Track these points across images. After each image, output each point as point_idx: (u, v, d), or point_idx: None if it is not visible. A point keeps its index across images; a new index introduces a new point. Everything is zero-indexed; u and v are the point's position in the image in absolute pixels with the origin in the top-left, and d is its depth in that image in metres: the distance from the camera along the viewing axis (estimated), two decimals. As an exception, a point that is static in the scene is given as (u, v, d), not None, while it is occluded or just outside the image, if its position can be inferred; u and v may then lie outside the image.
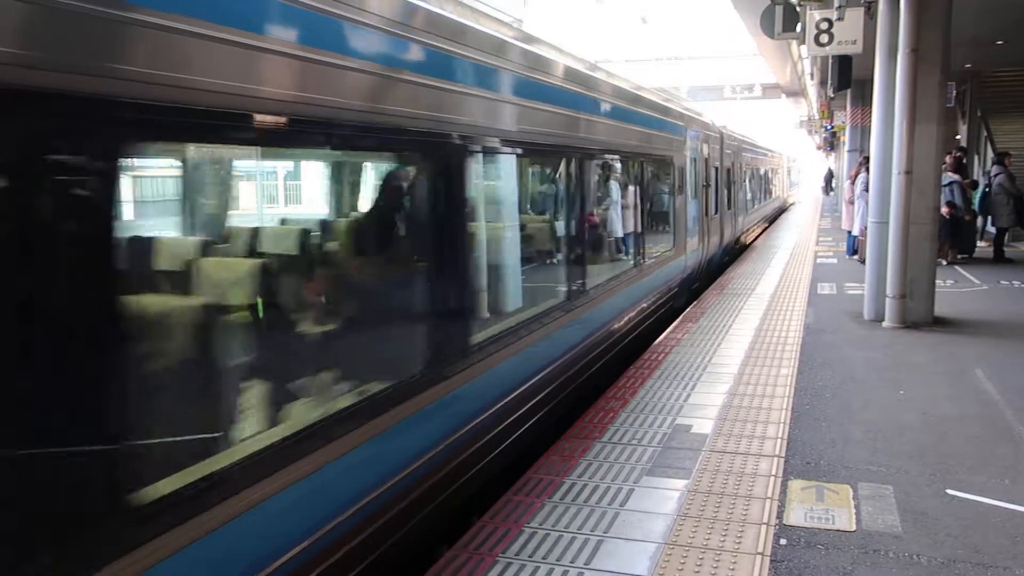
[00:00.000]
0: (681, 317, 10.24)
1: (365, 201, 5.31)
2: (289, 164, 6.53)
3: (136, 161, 3.30)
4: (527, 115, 5.67)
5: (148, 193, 4.96)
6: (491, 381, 5.04)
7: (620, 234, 8.97)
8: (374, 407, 3.79)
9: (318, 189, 5.90)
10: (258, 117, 3.06)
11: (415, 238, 4.71)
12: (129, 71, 2.45)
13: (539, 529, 4.24)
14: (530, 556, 3.96)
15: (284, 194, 7.70)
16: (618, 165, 8.90)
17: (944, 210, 12.33)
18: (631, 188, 9.23)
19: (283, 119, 3.19)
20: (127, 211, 3.16)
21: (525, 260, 6.42)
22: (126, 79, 2.44)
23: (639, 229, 9.30)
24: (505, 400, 5.29)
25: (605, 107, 7.62)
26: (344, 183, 5.41)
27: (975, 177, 18.28)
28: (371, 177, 5.31)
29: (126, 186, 2.71)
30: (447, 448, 4.47)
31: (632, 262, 9.12)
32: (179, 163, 4.39)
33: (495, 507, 4.53)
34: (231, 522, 2.89)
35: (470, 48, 4.69)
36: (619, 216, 8.89)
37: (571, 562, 3.90)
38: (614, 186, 8.84)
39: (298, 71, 3.23)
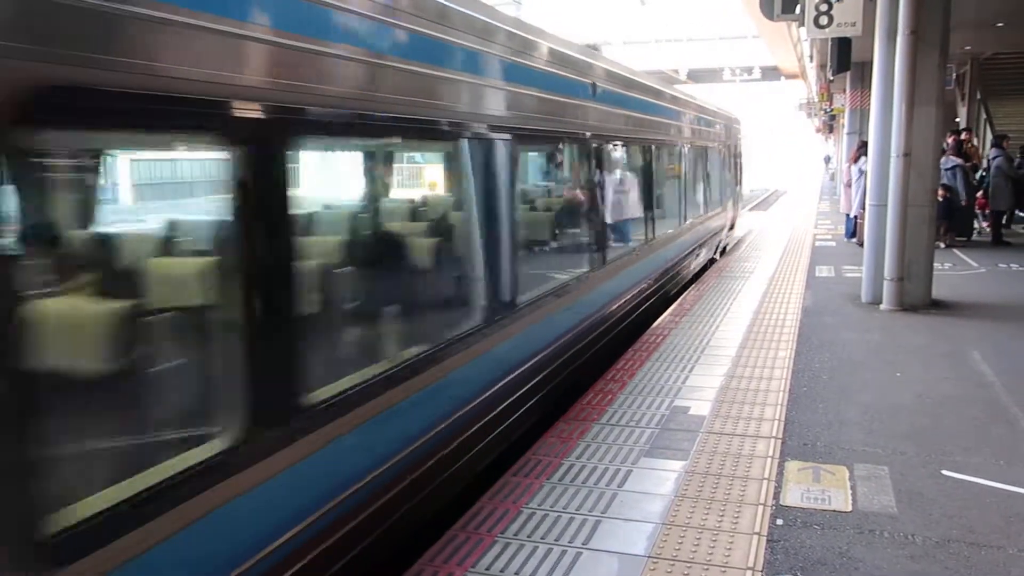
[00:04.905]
0: (679, 300, 10.27)
1: None
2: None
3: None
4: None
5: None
6: None
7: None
8: None
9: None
10: None
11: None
12: None
13: (538, 510, 4.28)
14: (529, 536, 4.00)
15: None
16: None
17: (939, 193, 12.32)
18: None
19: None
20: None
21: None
22: None
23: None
24: None
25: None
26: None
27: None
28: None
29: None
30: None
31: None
32: None
33: (494, 488, 4.57)
34: None
35: None
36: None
37: (570, 542, 3.93)
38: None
39: None
